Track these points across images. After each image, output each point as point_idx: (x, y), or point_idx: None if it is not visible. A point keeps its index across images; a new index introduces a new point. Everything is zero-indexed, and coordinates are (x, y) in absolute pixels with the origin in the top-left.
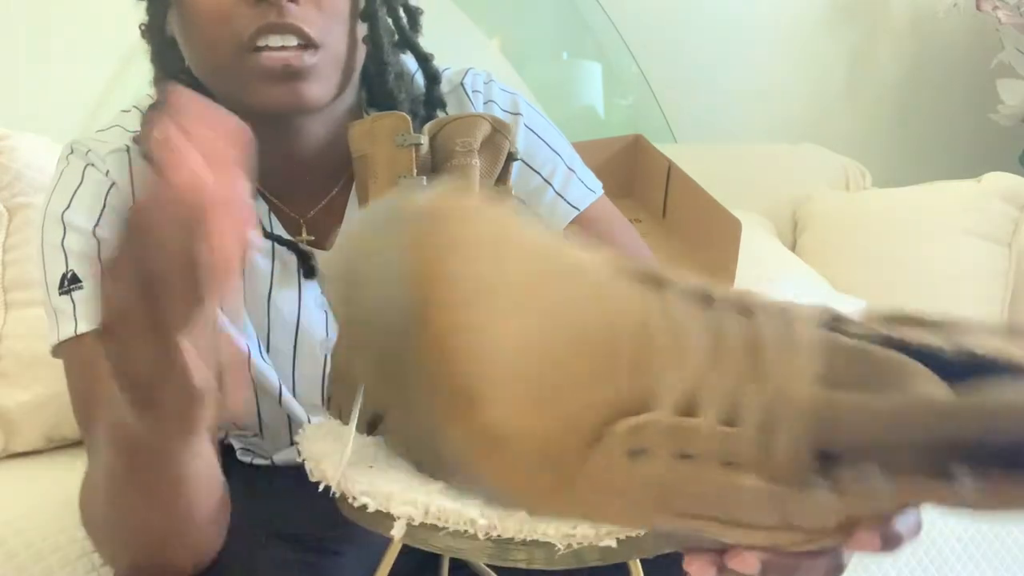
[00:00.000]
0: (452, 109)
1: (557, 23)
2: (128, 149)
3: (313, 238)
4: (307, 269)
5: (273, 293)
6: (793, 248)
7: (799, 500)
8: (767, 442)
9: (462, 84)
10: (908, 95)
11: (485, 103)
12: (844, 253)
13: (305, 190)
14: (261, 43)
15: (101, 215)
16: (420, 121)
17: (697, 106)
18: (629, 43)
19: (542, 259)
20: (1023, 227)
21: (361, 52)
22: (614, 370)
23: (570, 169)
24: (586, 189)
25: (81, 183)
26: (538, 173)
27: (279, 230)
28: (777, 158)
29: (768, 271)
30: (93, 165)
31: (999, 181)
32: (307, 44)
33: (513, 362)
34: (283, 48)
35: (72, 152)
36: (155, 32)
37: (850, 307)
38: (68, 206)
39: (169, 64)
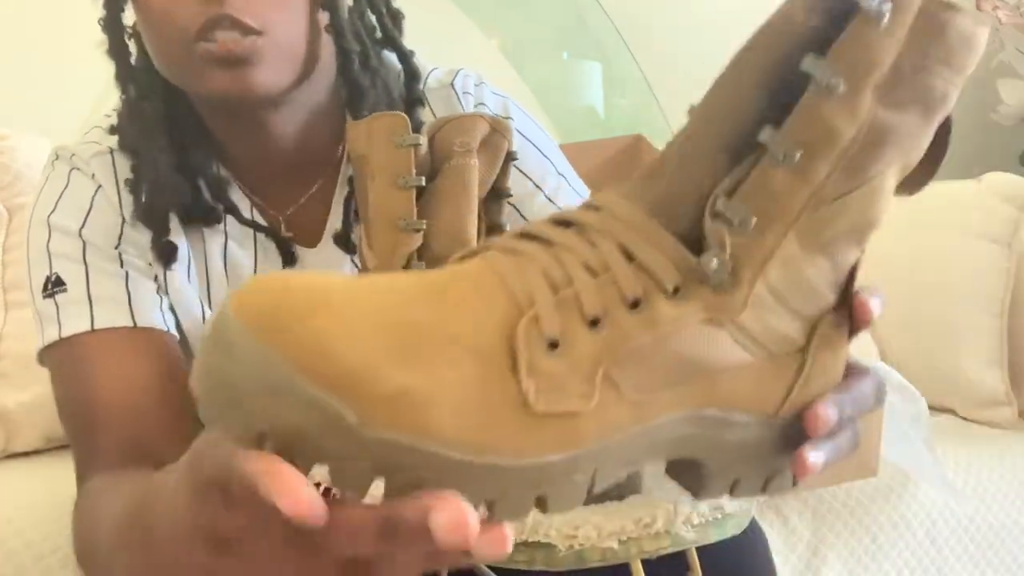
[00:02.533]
0: (441, 110)
1: (557, 23)
2: (111, 152)
3: (292, 235)
4: (287, 257)
5: None
6: None
7: (706, 268)
8: (642, 258)
9: (452, 85)
10: None
11: (476, 105)
12: None
13: (282, 187)
14: (207, 36)
15: (88, 216)
16: None
17: None
18: (629, 43)
19: (372, 280)
20: (1023, 227)
21: (327, 42)
22: (485, 295)
23: (560, 175)
24: (577, 196)
25: (67, 186)
26: (529, 178)
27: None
28: None
29: None
30: (78, 169)
31: (999, 181)
32: (248, 31)
33: (376, 337)
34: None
35: (57, 158)
36: (112, 25)
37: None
38: (54, 209)
39: (125, 57)
